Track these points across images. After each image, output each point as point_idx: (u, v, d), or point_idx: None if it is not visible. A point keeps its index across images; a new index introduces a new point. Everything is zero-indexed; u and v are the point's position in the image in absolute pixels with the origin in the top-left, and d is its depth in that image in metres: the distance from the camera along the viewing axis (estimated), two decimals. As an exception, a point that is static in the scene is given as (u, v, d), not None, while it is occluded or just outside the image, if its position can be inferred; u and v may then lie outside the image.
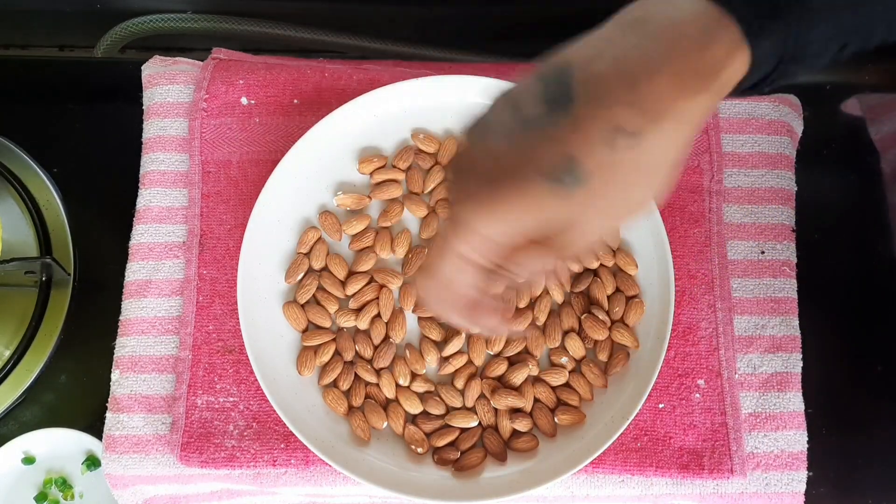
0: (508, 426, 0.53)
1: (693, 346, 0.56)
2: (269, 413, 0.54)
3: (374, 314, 0.56)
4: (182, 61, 0.64)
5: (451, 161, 0.34)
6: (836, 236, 0.62)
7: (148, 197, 0.60)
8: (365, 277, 0.57)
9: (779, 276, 0.58)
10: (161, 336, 0.57)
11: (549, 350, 0.55)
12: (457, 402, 0.54)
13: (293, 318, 0.56)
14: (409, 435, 0.53)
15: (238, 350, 0.56)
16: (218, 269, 0.58)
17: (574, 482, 0.53)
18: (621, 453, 0.53)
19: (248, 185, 0.60)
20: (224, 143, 0.61)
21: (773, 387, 0.56)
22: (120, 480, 0.55)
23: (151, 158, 0.61)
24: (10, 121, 0.65)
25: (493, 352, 0.55)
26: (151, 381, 0.56)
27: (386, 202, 0.59)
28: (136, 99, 0.63)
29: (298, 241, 0.58)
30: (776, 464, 0.54)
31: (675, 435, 0.54)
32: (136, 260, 0.58)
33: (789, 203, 0.60)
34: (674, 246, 0.56)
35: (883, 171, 0.63)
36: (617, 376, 0.54)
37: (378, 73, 0.62)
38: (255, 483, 0.54)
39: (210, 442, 0.54)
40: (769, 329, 0.57)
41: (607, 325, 0.55)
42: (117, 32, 0.74)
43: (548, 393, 0.54)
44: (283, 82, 0.62)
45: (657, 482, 0.53)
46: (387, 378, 0.54)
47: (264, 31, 0.74)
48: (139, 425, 0.55)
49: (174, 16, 0.73)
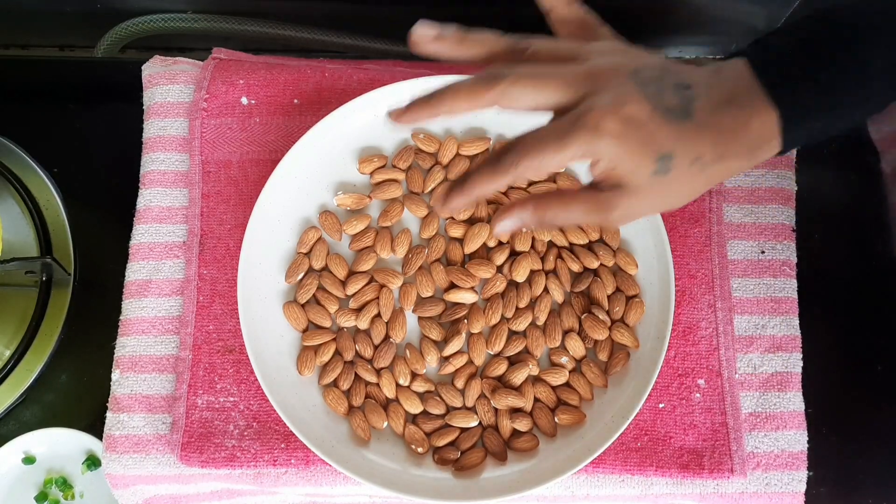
0: (509, 426, 0.53)
1: (693, 345, 0.56)
2: (270, 413, 0.54)
3: (375, 314, 0.56)
4: (182, 61, 0.64)
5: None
6: (836, 236, 0.62)
7: (148, 197, 0.60)
8: (365, 277, 0.57)
9: (779, 275, 0.58)
10: (161, 336, 0.57)
11: (549, 350, 0.55)
12: (457, 402, 0.54)
13: (293, 318, 0.56)
14: (409, 435, 0.53)
15: (238, 350, 0.56)
16: (218, 269, 0.58)
17: (574, 482, 0.54)
18: (621, 453, 0.53)
19: (249, 184, 0.60)
20: (224, 143, 0.61)
21: (773, 386, 0.56)
22: (120, 480, 0.55)
23: (152, 158, 0.61)
24: (10, 120, 0.65)
25: (493, 352, 0.55)
26: (152, 380, 0.56)
27: (386, 202, 0.59)
28: (136, 99, 0.63)
29: (298, 241, 0.58)
30: (776, 463, 0.54)
31: (676, 435, 0.54)
32: (137, 260, 0.58)
33: (789, 203, 0.60)
34: (674, 245, 0.56)
35: (883, 170, 0.63)
36: (617, 376, 0.54)
37: (378, 73, 0.62)
38: (256, 483, 0.54)
39: (210, 442, 0.54)
40: (769, 329, 0.57)
41: (607, 325, 0.55)
42: (117, 32, 0.74)
43: (548, 393, 0.54)
44: (283, 82, 0.62)
45: (657, 482, 0.53)
46: (387, 378, 0.54)
47: (264, 31, 0.74)
48: (139, 425, 0.55)
49: (174, 16, 0.73)
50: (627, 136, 0.37)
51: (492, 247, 0.57)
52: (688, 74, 0.40)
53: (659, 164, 0.38)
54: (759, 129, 0.39)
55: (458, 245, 0.57)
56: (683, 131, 0.38)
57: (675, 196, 0.41)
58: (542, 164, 0.38)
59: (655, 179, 0.39)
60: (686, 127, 0.38)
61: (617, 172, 0.39)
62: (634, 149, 0.38)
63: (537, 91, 0.38)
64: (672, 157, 0.38)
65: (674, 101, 0.38)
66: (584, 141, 0.37)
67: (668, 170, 0.38)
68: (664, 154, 0.38)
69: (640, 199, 0.39)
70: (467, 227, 0.57)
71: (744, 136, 0.39)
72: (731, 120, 0.39)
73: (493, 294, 0.56)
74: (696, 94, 0.39)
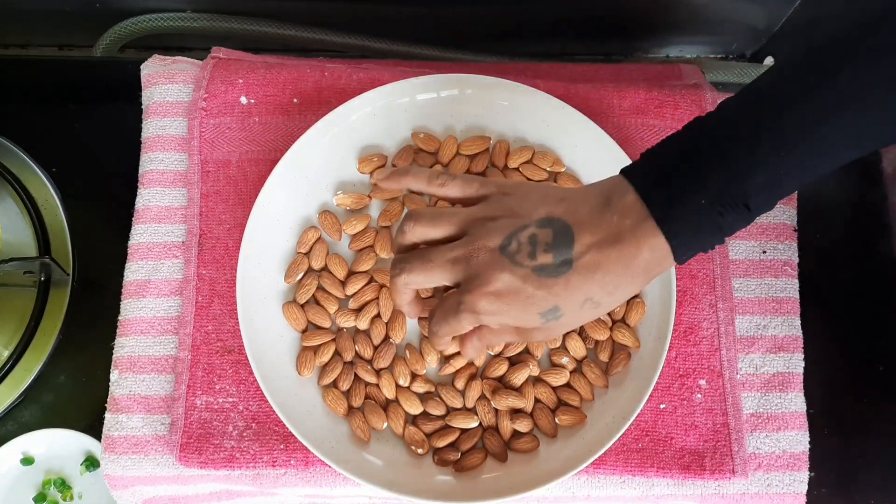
0: (509, 427, 0.53)
1: (694, 346, 0.56)
2: (269, 413, 0.54)
3: (374, 314, 0.56)
4: (181, 60, 0.63)
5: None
6: (837, 236, 0.62)
7: (147, 196, 0.60)
8: (365, 277, 0.57)
9: (780, 275, 0.58)
10: (160, 336, 0.57)
11: (549, 350, 0.55)
12: (457, 403, 0.54)
13: (293, 319, 0.55)
14: (409, 436, 0.53)
15: (237, 350, 0.56)
16: (217, 269, 0.58)
17: (575, 483, 0.53)
18: (622, 454, 0.53)
19: (248, 184, 0.59)
20: (223, 143, 0.61)
21: (774, 387, 0.55)
22: (119, 481, 0.54)
23: (150, 158, 0.61)
24: (9, 120, 0.65)
25: (493, 352, 0.55)
26: (150, 381, 0.56)
27: (386, 202, 0.59)
28: (135, 98, 0.63)
29: (298, 241, 0.57)
30: (778, 464, 0.54)
31: (677, 435, 0.54)
32: (135, 260, 0.58)
33: (791, 203, 0.60)
34: (675, 246, 0.56)
35: (884, 170, 0.63)
36: (618, 377, 0.54)
37: (378, 72, 0.62)
38: (255, 484, 0.54)
39: (209, 442, 0.53)
40: (771, 329, 0.57)
41: (608, 325, 0.55)
42: (117, 32, 0.74)
43: (548, 393, 0.54)
44: (282, 81, 0.61)
45: (658, 483, 0.53)
46: (387, 378, 0.54)
47: (264, 31, 0.74)
48: (138, 426, 0.55)
49: (174, 15, 0.73)
50: (507, 307, 0.42)
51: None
52: (571, 215, 0.41)
53: (547, 316, 0.42)
54: (650, 256, 0.40)
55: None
56: (564, 285, 0.41)
57: (588, 318, 0.43)
58: (448, 333, 0.45)
59: (551, 324, 0.42)
60: (566, 279, 0.41)
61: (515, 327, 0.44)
62: (517, 314, 0.42)
63: (427, 276, 0.44)
64: (558, 309, 0.41)
65: (547, 258, 0.41)
66: (470, 322, 0.43)
67: (559, 317, 0.42)
68: (548, 310, 0.41)
69: (547, 332, 0.43)
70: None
71: (634, 267, 0.40)
72: (618, 255, 0.40)
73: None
74: (579, 236, 0.41)
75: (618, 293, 0.41)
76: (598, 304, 0.42)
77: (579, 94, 0.60)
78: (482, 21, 0.77)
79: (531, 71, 0.63)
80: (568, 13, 0.76)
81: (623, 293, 0.42)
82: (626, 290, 0.42)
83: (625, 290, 0.42)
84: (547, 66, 0.65)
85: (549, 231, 0.41)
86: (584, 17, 0.76)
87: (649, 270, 0.41)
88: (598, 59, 0.82)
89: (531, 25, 0.78)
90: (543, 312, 0.41)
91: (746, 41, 0.80)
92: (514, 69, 0.63)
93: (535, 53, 0.83)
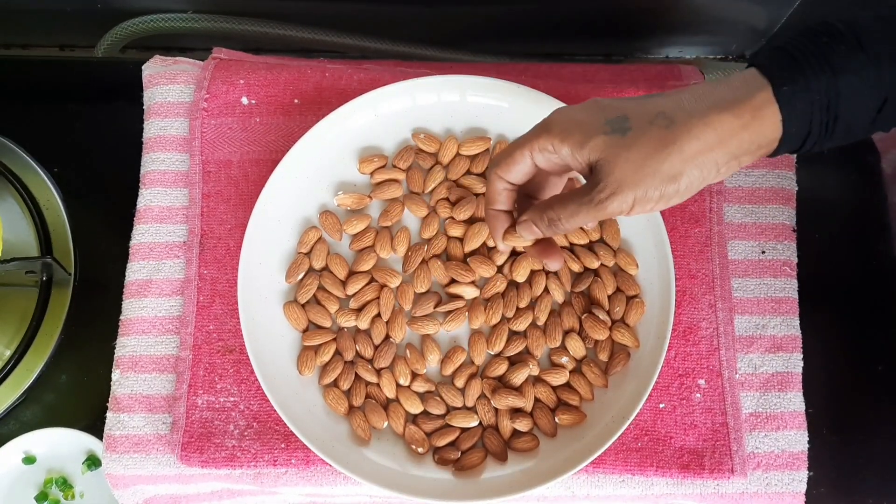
0: (509, 426, 0.53)
1: (694, 345, 0.56)
2: (270, 413, 0.54)
3: (375, 314, 0.56)
4: (182, 61, 0.64)
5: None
6: (836, 236, 0.62)
7: (148, 197, 0.60)
8: (365, 277, 0.57)
9: (779, 275, 0.58)
10: (161, 336, 0.57)
11: (549, 350, 0.55)
12: (457, 402, 0.54)
13: (293, 318, 0.56)
14: (409, 435, 0.53)
15: (238, 350, 0.56)
16: (218, 269, 0.58)
17: (575, 482, 0.53)
18: (622, 453, 0.53)
19: (249, 184, 0.60)
20: (224, 143, 0.61)
21: (773, 387, 0.56)
22: (120, 480, 0.55)
23: (152, 158, 0.61)
24: (11, 121, 0.65)
25: (493, 352, 0.55)
26: (152, 380, 0.56)
27: (386, 202, 0.59)
28: (136, 99, 0.63)
29: (299, 241, 0.58)
30: (777, 464, 0.54)
31: (676, 435, 0.54)
32: (137, 260, 0.58)
33: (790, 203, 0.60)
34: (674, 245, 0.56)
35: (883, 170, 0.63)
36: (617, 376, 0.54)
37: (378, 73, 0.62)
38: (256, 483, 0.54)
39: (210, 442, 0.54)
40: (770, 329, 0.57)
41: (608, 325, 0.55)
42: (118, 32, 0.74)
43: (548, 393, 0.54)
44: (283, 82, 0.62)
45: (658, 482, 0.53)
46: (387, 378, 0.54)
47: (264, 31, 0.74)
48: (140, 425, 0.55)
49: (174, 15, 0.73)
50: (572, 123, 0.41)
51: (492, 246, 0.57)
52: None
53: (612, 124, 0.40)
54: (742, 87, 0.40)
55: (459, 244, 0.57)
56: (637, 101, 0.40)
57: (659, 167, 0.39)
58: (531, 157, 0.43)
59: (615, 140, 0.39)
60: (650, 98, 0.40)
61: (581, 153, 0.41)
62: (582, 119, 0.41)
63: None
64: (627, 119, 0.40)
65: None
66: (544, 138, 0.42)
67: (626, 129, 0.40)
68: (617, 117, 0.40)
69: (622, 174, 0.39)
70: (467, 227, 0.57)
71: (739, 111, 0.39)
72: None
73: (493, 294, 0.56)
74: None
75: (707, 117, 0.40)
76: (671, 122, 0.39)
77: (579, 95, 0.60)
78: (482, 21, 0.77)
79: (531, 71, 0.64)
80: (568, 13, 0.76)
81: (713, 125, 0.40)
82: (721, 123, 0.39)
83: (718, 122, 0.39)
84: (547, 66, 0.65)
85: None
86: (584, 17, 0.76)
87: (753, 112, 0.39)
88: (598, 60, 0.82)
89: (531, 26, 0.78)
90: (608, 120, 0.40)
91: (746, 41, 0.80)
92: (513, 69, 0.63)
93: (535, 54, 0.83)
